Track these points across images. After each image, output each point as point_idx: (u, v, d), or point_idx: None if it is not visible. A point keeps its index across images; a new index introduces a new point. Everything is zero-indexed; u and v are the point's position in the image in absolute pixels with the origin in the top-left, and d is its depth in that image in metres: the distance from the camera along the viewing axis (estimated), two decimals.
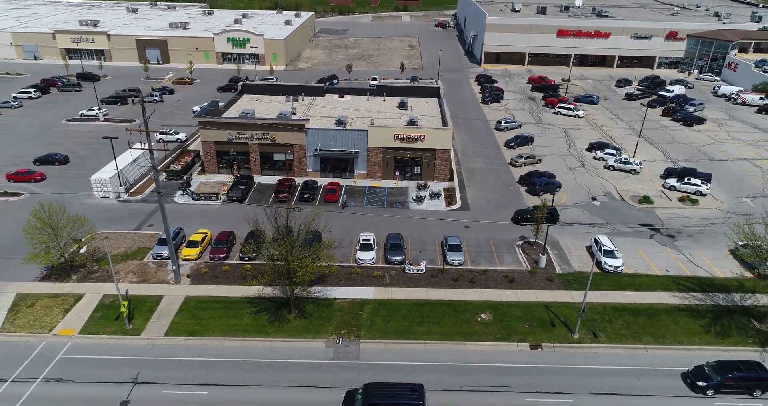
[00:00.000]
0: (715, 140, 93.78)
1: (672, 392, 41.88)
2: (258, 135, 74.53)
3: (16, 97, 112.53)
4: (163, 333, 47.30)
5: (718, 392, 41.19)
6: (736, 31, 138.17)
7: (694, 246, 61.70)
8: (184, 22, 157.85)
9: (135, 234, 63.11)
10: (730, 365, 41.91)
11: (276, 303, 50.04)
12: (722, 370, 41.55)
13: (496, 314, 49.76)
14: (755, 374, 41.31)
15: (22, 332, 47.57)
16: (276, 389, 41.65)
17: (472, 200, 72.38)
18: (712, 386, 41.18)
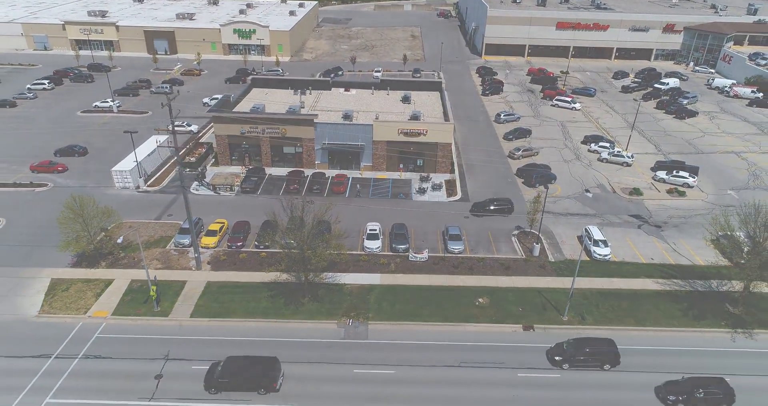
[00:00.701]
0: (705, 133, 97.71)
1: (649, 369, 46.50)
2: (269, 129, 78.53)
3: (31, 89, 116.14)
4: (189, 315, 51.91)
5: (573, 365, 45.87)
6: (732, 24, 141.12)
7: (678, 236, 66.08)
8: (191, 12, 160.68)
9: (156, 223, 67.46)
10: (584, 342, 46.59)
11: (290, 288, 54.48)
12: (577, 346, 46.22)
13: (492, 298, 54.30)
14: (604, 349, 45.88)
15: (60, 313, 52.16)
16: (294, 364, 46.25)
17: (472, 192, 76.59)
18: (566, 360, 45.91)
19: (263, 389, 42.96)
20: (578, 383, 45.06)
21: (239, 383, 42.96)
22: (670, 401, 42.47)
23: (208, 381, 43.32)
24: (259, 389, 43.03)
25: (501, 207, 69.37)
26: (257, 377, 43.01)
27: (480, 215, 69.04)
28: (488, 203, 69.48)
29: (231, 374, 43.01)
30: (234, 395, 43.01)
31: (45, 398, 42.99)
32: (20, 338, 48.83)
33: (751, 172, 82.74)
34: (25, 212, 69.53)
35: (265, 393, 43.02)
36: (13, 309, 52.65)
